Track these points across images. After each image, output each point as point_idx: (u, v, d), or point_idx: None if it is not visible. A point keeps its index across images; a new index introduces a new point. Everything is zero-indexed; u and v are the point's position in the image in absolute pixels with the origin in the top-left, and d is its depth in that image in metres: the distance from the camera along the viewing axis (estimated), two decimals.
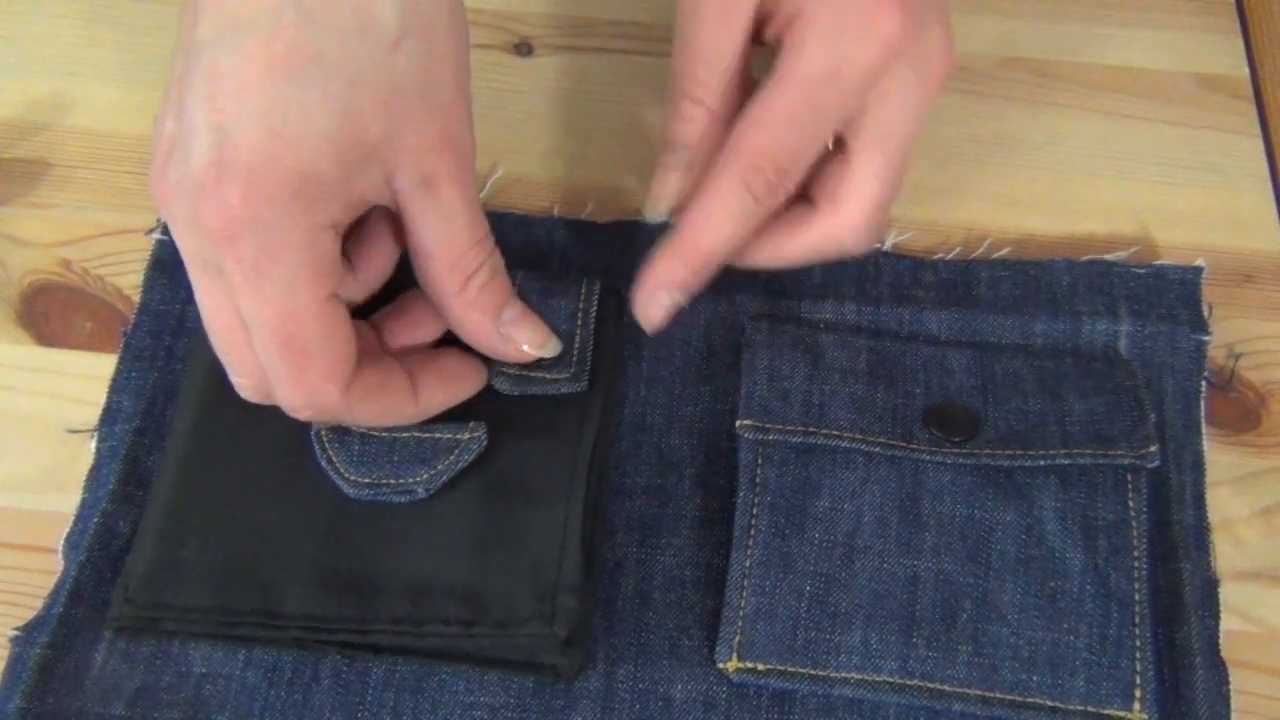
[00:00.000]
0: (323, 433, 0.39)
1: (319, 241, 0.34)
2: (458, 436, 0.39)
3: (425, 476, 0.39)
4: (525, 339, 0.40)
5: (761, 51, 0.41)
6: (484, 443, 0.39)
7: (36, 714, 0.37)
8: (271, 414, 0.38)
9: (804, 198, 0.41)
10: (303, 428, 0.39)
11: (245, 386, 0.38)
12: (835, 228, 0.40)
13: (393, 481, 0.39)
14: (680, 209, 0.41)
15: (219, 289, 0.35)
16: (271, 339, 0.35)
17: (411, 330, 0.40)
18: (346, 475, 0.39)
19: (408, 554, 0.38)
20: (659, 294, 0.40)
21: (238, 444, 0.40)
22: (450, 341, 0.40)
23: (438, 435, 0.39)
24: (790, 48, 0.38)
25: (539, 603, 0.37)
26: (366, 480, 0.39)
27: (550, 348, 0.40)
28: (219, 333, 0.37)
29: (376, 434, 0.39)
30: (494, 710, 0.38)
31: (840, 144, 0.40)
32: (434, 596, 0.37)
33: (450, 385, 0.40)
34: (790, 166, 0.39)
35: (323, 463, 0.39)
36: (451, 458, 0.39)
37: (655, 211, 0.42)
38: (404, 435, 0.39)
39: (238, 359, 0.37)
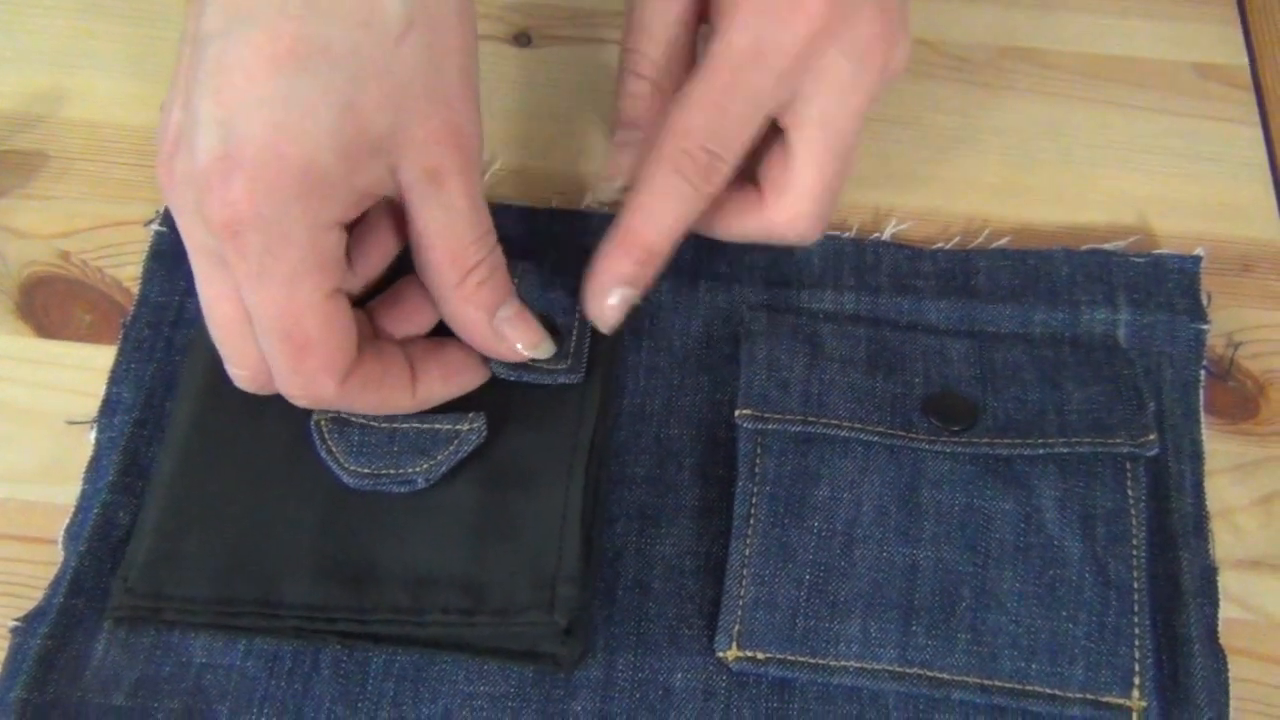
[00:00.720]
0: (322, 423, 0.39)
1: (322, 239, 0.34)
2: (457, 427, 0.39)
3: (425, 467, 0.39)
4: (519, 338, 0.39)
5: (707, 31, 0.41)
6: (483, 434, 0.39)
7: (37, 704, 0.37)
8: (271, 405, 0.38)
9: (754, 179, 0.41)
10: (302, 419, 0.39)
11: (242, 377, 0.38)
12: (775, 218, 0.40)
13: (392, 472, 0.39)
14: (630, 187, 0.40)
15: (221, 279, 0.35)
16: (272, 330, 0.35)
17: (405, 318, 0.40)
18: (346, 465, 0.39)
19: (407, 544, 0.38)
20: (609, 292, 0.39)
21: (237, 435, 0.40)
22: (449, 332, 0.40)
23: (437, 426, 0.39)
24: (719, 30, 0.38)
25: (538, 592, 0.37)
26: (366, 470, 0.39)
27: (543, 349, 0.40)
28: (218, 322, 0.37)
29: (376, 424, 0.39)
30: (494, 699, 0.38)
31: (782, 130, 0.39)
32: (434, 586, 0.37)
33: (451, 379, 0.40)
34: (720, 149, 0.38)
35: (322, 453, 0.39)
36: (451, 448, 0.39)
37: (610, 189, 0.42)
38: (403, 426, 0.39)
39: (235, 349, 0.37)
